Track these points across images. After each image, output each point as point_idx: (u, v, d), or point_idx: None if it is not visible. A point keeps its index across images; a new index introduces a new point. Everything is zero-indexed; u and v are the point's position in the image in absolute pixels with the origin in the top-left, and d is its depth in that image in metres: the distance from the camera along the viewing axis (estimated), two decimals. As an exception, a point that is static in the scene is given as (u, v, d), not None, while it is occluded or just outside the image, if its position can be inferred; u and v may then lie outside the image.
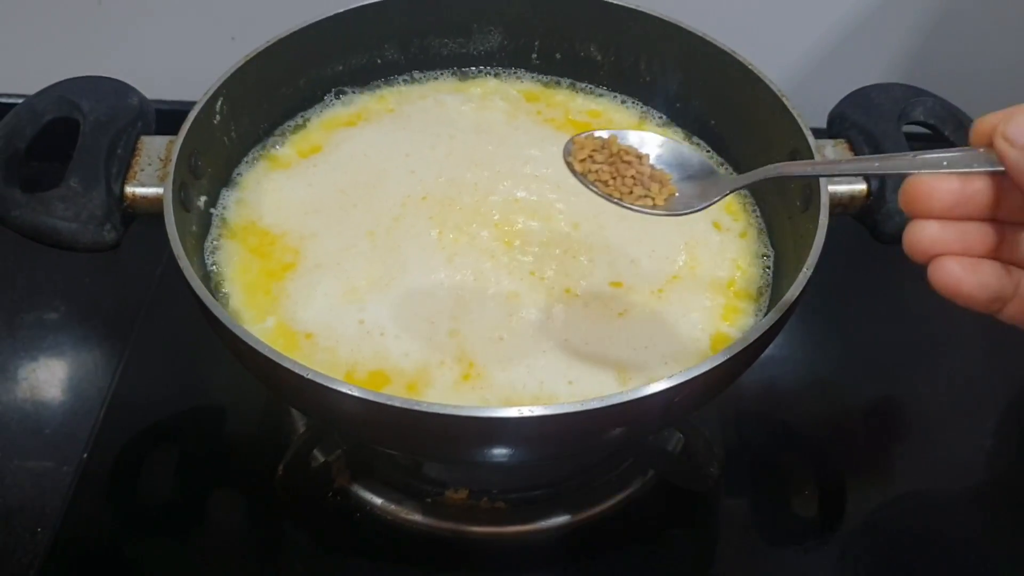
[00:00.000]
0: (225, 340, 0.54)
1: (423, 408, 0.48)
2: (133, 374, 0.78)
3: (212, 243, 0.66)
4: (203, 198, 0.66)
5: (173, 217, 0.58)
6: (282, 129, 0.75)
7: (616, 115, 0.78)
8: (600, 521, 0.70)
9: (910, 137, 0.68)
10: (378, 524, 0.69)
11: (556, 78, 0.81)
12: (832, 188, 0.63)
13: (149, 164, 0.64)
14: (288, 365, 0.50)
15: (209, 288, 0.59)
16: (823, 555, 0.70)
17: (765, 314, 0.63)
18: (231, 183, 0.71)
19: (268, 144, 0.74)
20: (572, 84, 0.81)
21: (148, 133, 0.66)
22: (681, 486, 0.72)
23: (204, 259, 0.65)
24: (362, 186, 0.70)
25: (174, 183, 0.60)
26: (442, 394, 0.58)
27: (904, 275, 0.84)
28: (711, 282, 0.66)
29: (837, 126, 0.69)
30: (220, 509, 0.71)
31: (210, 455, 0.74)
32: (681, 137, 0.77)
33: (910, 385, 0.82)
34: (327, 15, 0.72)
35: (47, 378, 0.79)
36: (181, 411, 0.77)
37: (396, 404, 0.48)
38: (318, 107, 0.77)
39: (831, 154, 0.67)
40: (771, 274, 0.67)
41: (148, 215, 0.62)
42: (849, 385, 0.81)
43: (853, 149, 0.67)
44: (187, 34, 0.93)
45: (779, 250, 0.68)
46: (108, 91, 0.66)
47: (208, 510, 0.70)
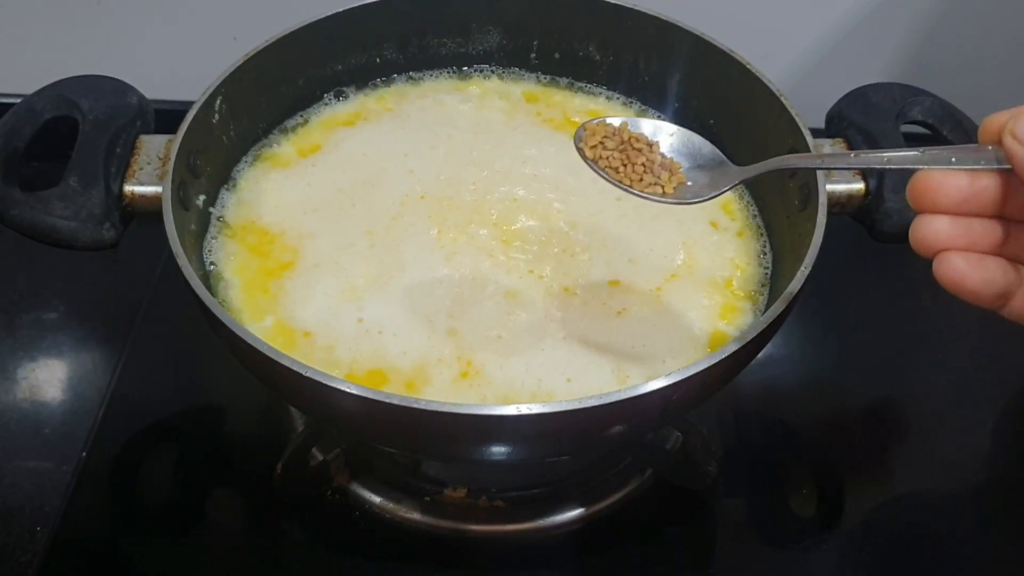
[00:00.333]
0: (224, 339, 0.54)
1: (421, 406, 0.48)
2: (132, 373, 0.77)
3: (211, 242, 0.67)
4: (202, 197, 0.67)
5: (172, 216, 0.58)
6: (281, 128, 0.75)
7: (615, 115, 0.78)
8: (599, 520, 0.70)
9: (908, 137, 0.68)
10: (377, 523, 0.69)
11: (555, 78, 0.81)
12: (830, 187, 0.63)
13: (148, 163, 0.64)
14: (287, 363, 0.50)
15: (208, 287, 0.59)
16: (821, 554, 0.69)
17: (763, 313, 0.63)
18: (230, 182, 0.71)
19: (267, 143, 0.74)
20: (571, 84, 0.81)
21: (147, 132, 0.66)
22: (679, 485, 0.72)
23: (203, 258, 0.65)
24: (361, 185, 0.70)
25: (173, 182, 0.60)
26: (440, 392, 0.58)
27: (903, 274, 0.86)
28: (709, 281, 0.66)
29: (835, 125, 0.70)
30: (219, 508, 0.71)
31: (209, 454, 0.74)
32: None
33: (908, 385, 0.82)
34: (326, 15, 0.72)
35: (46, 377, 0.78)
36: (180, 410, 0.77)
37: (394, 402, 0.48)
38: (317, 106, 0.77)
39: (830, 152, 0.67)
40: (769, 273, 0.67)
41: (147, 214, 0.63)
42: (847, 384, 0.81)
43: (851, 148, 0.67)
44: (186, 33, 0.93)
45: (777, 249, 0.68)
46: (107, 90, 0.67)
47: (207, 509, 0.70)
